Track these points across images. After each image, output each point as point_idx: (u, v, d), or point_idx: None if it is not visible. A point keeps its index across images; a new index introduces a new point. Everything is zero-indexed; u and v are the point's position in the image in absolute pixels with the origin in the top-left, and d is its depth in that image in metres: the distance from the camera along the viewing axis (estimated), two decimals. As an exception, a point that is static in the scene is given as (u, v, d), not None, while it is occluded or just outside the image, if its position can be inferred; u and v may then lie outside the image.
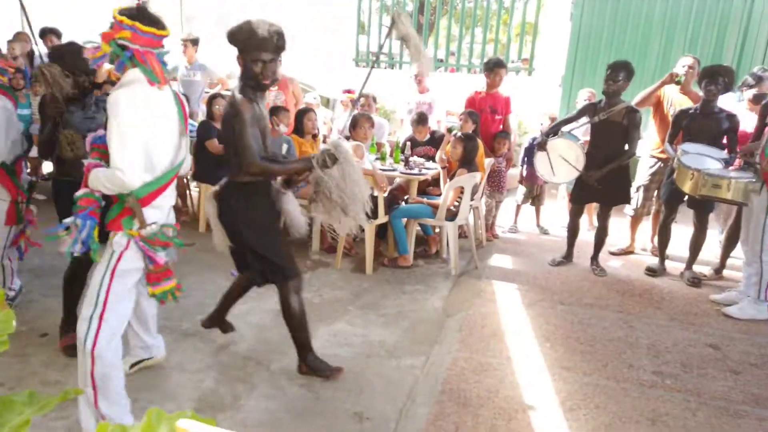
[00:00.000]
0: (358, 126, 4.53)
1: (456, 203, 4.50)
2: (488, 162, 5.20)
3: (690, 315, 3.94)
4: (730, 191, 3.75)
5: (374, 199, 4.46)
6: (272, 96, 6.30)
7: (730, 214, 4.58)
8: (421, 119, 5.52)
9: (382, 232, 4.87)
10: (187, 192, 5.76)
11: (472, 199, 4.70)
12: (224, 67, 7.75)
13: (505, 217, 6.05)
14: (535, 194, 5.80)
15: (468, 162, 4.49)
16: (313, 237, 4.92)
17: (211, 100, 5.29)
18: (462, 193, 4.47)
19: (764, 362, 3.33)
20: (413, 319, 3.70)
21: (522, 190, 5.81)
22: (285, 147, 4.83)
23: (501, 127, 5.57)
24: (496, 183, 5.47)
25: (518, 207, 5.88)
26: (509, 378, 3.01)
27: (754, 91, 4.43)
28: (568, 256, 4.84)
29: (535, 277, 4.55)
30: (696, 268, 4.57)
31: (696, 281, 4.45)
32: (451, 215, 4.51)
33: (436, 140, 5.46)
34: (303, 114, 5.12)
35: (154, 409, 0.75)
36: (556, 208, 6.23)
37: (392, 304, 3.94)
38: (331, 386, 2.86)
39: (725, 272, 4.65)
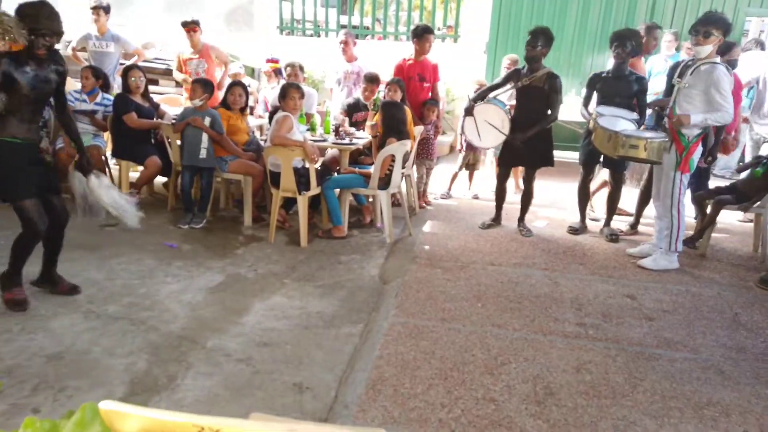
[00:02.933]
0: (287, 97, 4.42)
1: (388, 171, 4.52)
2: (417, 130, 5.24)
3: (609, 269, 4.20)
4: (646, 151, 3.98)
5: (306, 171, 4.41)
6: (194, 65, 6.04)
7: (642, 172, 4.87)
8: (372, 78, 5.41)
9: (315, 203, 4.84)
10: (107, 170, 5.46)
11: (403, 167, 4.74)
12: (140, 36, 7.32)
13: (437, 184, 6.15)
14: (471, 161, 5.91)
15: (396, 130, 4.51)
16: (245, 210, 4.83)
17: (126, 72, 5.01)
18: (393, 161, 4.50)
19: (675, 308, 3.61)
20: (350, 289, 3.73)
21: (461, 157, 5.90)
22: (208, 120, 4.66)
23: (429, 94, 5.62)
24: (425, 150, 5.53)
25: (455, 174, 5.99)
26: (444, 339, 3.11)
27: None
28: (496, 219, 5.00)
29: (467, 240, 4.68)
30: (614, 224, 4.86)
31: (614, 237, 4.73)
32: (384, 184, 4.54)
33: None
34: (229, 88, 4.95)
35: (89, 403, 0.72)
36: (485, 174, 6.39)
37: (328, 274, 3.95)
38: (270, 359, 2.86)
39: (640, 227, 4.96)
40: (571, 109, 6.08)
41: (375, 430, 0.78)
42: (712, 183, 5.06)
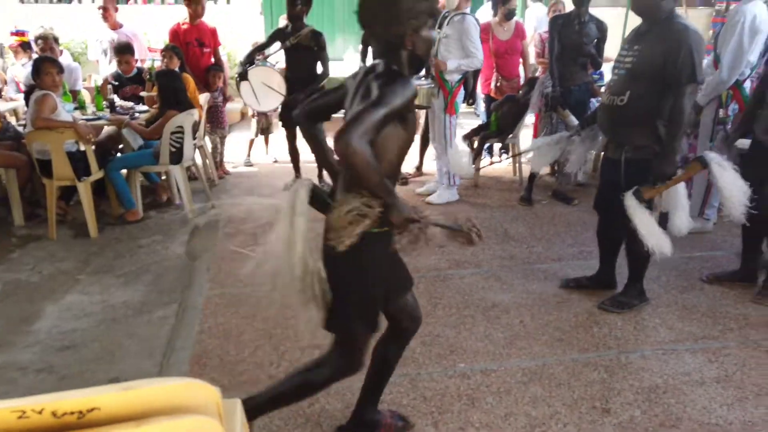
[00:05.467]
0: (42, 72, 3.89)
1: (178, 144, 4.31)
2: (203, 98, 5.05)
3: (404, 209, 4.62)
4: (417, 97, 4.39)
5: (82, 154, 3.99)
6: None
7: (418, 118, 5.37)
8: (123, 48, 4.97)
9: (100, 189, 4.42)
10: None
11: (194, 138, 4.56)
12: None
13: (235, 153, 6.03)
14: (264, 125, 5.86)
15: (176, 101, 4.29)
16: (13, 208, 4.22)
17: None
18: (182, 132, 4.29)
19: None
20: (156, 272, 3.56)
21: (254, 123, 5.81)
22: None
23: (212, 60, 5.41)
24: (215, 119, 5.37)
25: (251, 141, 5.90)
26: (263, 302, 3.17)
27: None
28: (297, 179, 5.12)
29: (271, 203, 4.72)
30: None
31: (403, 180, 5.19)
32: (176, 158, 4.32)
33: (143, 78, 5.05)
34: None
35: None
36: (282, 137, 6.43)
37: (129, 261, 3.70)
38: (75, 362, 2.64)
39: (424, 168, 5.50)
40: (352, 65, 6.38)
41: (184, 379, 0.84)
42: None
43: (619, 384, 2.46)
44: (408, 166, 5.47)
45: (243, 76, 4.65)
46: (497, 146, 5.80)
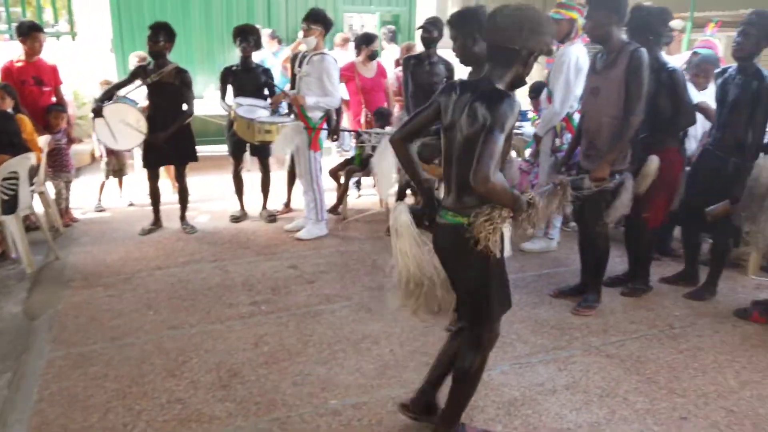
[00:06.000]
0: None
1: (11, 191, 3.87)
2: (44, 139, 4.61)
3: (272, 247, 4.54)
4: (279, 134, 4.40)
5: None
6: None
7: (284, 155, 5.37)
8: None
9: None
10: None
11: (32, 184, 4.13)
12: None
13: (84, 198, 5.56)
14: (116, 167, 5.45)
15: (9, 144, 3.88)
16: None
17: None
18: (17, 179, 3.87)
19: (330, 268, 4.15)
20: (-14, 337, 3.13)
21: (104, 164, 5.38)
22: None
23: (53, 99, 4.99)
24: (58, 162, 4.91)
25: (102, 183, 5.46)
26: (116, 358, 2.91)
27: None
28: (156, 222, 4.83)
29: (128, 250, 4.40)
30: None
31: (272, 218, 5.12)
32: (9, 207, 3.88)
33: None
34: None
35: None
36: (136, 178, 6.05)
37: (-49, 328, 3.22)
38: None
39: (292, 204, 5.46)
40: (213, 103, 6.23)
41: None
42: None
43: (481, 401, 2.58)
44: (276, 202, 5.41)
45: (97, 112, 4.35)
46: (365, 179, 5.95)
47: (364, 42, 5.58)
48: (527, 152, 4.71)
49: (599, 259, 3.46)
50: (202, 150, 5.04)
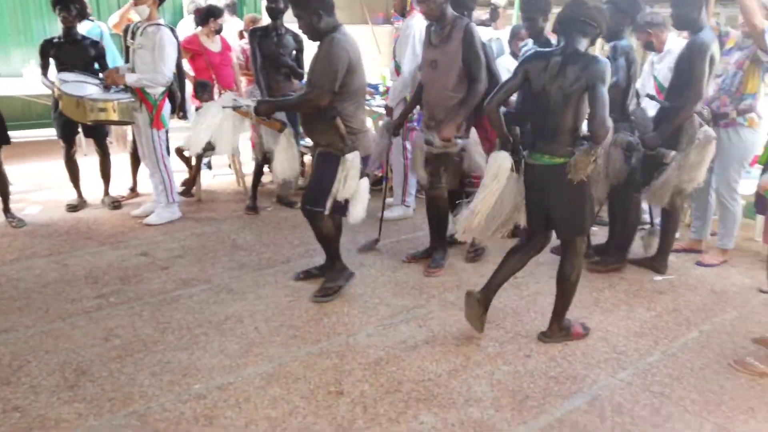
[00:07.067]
0: None
1: None
2: None
3: (118, 235, 4.19)
4: (116, 112, 4.03)
5: None
6: None
7: (125, 135, 4.95)
8: None
9: None
10: None
11: None
12: None
13: None
14: None
15: None
16: None
17: None
18: None
19: (186, 252, 3.94)
20: None
21: None
22: None
23: None
24: None
25: None
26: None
27: None
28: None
29: None
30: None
31: (116, 204, 4.72)
32: None
33: None
34: None
35: None
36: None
37: None
38: None
39: (139, 189, 5.08)
40: (36, 81, 5.52)
41: None
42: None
43: (349, 365, 2.65)
44: (120, 188, 4.99)
45: None
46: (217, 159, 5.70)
47: (212, 15, 5.28)
48: (380, 123, 4.83)
49: (441, 221, 3.68)
50: (27, 135, 4.48)
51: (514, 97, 3.48)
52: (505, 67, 4.20)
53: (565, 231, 2.74)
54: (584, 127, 2.60)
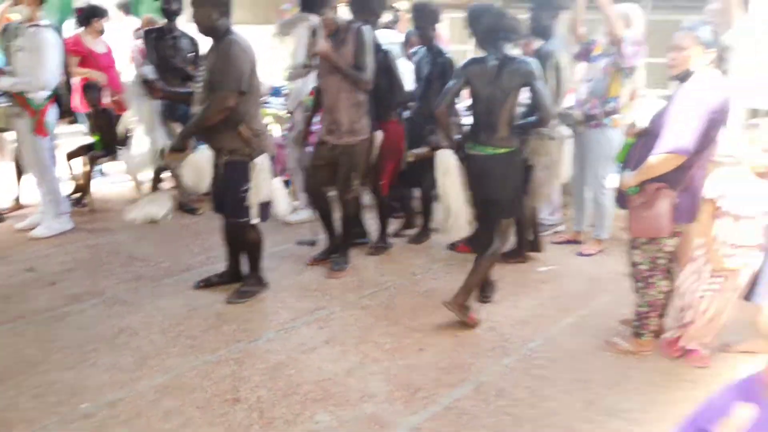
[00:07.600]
0: None
1: None
2: None
3: (1, 251, 3.93)
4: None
5: None
6: None
7: (3, 144, 4.64)
8: None
9: None
10: None
11: None
12: None
13: None
14: None
15: None
16: None
17: None
18: None
19: (78, 265, 3.76)
20: None
21: None
22: None
23: None
24: None
25: None
26: None
27: None
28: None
29: None
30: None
31: (-1, 217, 4.42)
32: None
33: None
34: None
35: None
36: None
37: None
38: None
39: (24, 200, 4.76)
40: None
41: None
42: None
43: (247, 371, 2.66)
44: (3, 199, 4.67)
45: None
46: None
47: (94, 15, 5.03)
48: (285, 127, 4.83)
49: (346, 224, 3.76)
50: None
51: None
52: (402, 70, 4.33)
53: (501, 212, 3.07)
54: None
